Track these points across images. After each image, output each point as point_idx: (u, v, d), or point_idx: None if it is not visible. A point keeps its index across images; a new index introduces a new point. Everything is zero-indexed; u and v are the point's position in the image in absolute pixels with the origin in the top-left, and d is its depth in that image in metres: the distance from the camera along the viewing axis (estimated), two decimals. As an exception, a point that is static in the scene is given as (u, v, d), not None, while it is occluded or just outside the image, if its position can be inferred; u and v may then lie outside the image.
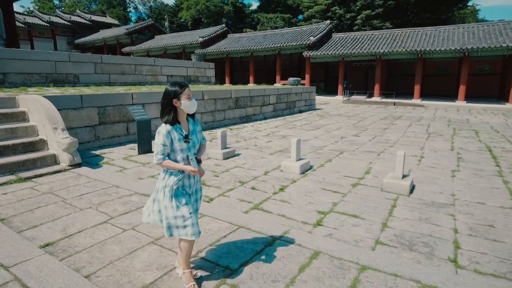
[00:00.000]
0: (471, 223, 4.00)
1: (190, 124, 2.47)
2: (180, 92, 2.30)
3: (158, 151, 2.33)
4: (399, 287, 2.57)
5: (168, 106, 2.31)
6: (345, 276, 2.71)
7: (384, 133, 10.95)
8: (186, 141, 2.37)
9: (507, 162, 7.20)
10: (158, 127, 2.37)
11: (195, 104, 2.39)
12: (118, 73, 13.67)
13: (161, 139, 2.31)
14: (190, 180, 2.45)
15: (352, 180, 5.65)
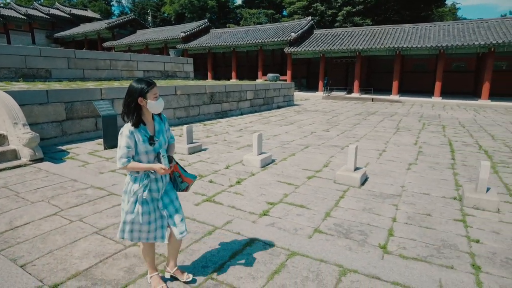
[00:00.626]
0: (411, 213, 4.23)
1: (156, 123, 2.29)
2: (147, 91, 2.12)
3: (121, 154, 2.15)
4: (321, 270, 2.74)
5: (132, 105, 2.14)
6: (273, 261, 2.86)
7: (354, 128, 11.22)
8: (151, 143, 2.20)
9: (462, 155, 7.52)
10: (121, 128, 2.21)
11: (162, 104, 2.23)
12: (93, 68, 13.53)
13: (124, 141, 2.14)
14: (158, 183, 2.28)
15: (309, 173, 5.83)
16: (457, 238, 3.57)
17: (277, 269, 2.75)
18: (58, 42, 41.45)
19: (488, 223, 3.96)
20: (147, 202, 2.25)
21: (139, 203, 2.23)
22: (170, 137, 2.43)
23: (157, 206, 2.31)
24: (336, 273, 2.71)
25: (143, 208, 2.23)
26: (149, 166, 2.18)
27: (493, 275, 2.92)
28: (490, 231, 3.75)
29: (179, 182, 2.41)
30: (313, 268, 2.77)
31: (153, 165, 2.18)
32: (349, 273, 2.71)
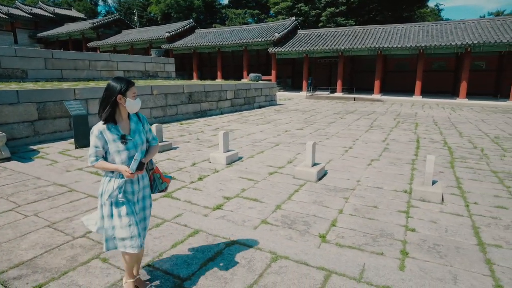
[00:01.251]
0: (359, 205, 4.45)
1: (133, 122, 2.26)
2: (126, 89, 2.13)
3: (90, 152, 2.16)
4: (254, 257, 2.93)
5: (109, 102, 2.12)
6: (211, 250, 3.04)
7: (328, 126, 11.48)
8: (123, 142, 2.16)
9: (426, 151, 7.82)
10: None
11: (139, 103, 2.23)
12: (71, 68, 13.50)
13: (93, 140, 2.14)
14: (133, 186, 2.23)
15: (272, 169, 6.03)
16: (395, 227, 3.80)
17: (213, 256, 2.93)
18: (42, 42, 40.89)
19: (429, 214, 4.20)
20: (122, 203, 2.18)
21: (114, 206, 2.17)
22: (152, 139, 2.39)
23: (134, 210, 2.22)
24: (268, 259, 2.89)
25: (120, 210, 2.16)
26: (115, 167, 2.13)
27: (417, 259, 3.14)
28: (428, 221, 3.99)
29: (159, 183, 2.43)
30: (247, 255, 2.95)
31: (119, 166, 2.13)
32: (280, 260, 2.89)
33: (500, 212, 4.29)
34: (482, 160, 7.10)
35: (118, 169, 2.13)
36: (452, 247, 3.37)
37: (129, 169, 2.10)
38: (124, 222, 2.16)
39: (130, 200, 2.22)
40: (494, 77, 26.90)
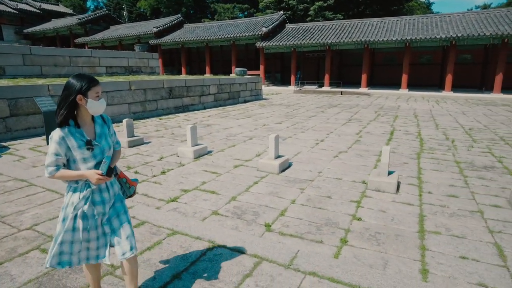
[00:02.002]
0: (313, 195, 4.54)
1: (98, 125, 2.02)
2: (88, 88, 1.87)
3: (48, 162, 1.87)
4: (191, 246, 3.00)
5: (67, 102, 1.86)
6: (152, 239, 3.11)
7: (307, 120, 11.56)
8: (89, 148, 1.91)
9: (397, 143, 7.94)
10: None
11: (104, 105, 1.97)
12: (51, 65, 13.40)
13: (53, 147, 1.86)
14: (103, 194, 1.99)
15: (239, 162, 6.09)
16: (343, 217, 3.89)
17: (152, 245, 2.99)
18: (29, 38, 40.38)
19: (380, 203, 4.30)
20: (87, 217, 1.95)
21: (79, 218, 1.93)
22: (116, 143, 2.16)
23: (101, 222, 2.01)
24: (204, 248, 2.97)
25: (83, 224, 1.94)
26: (80, 174, 1.89)
27: (354, 247, 3.23)
28: (377, 210, 4.09)
29: (127, 188, 2.28)
30: (185, 245, 3.02)
31: (85, 172, 1.89)
32: (216, 248, 2.97)
33: (450, 201, 4.41)
34: (449, 151, 7.23)
35: (84, 175, 1.88)
36: (393, 234, 3.47)
37: (99, 171, 1.88)
38: (85, 237, 1.96)
39: (99, 212, 1.98)
40: (480, 70, 27.18)
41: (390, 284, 2.52)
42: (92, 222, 1.97)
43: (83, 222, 1.95)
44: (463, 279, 2.72)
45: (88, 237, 1.98)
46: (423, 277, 2.74)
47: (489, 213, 4.02)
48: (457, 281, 2.69)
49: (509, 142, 8.36)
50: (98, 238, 2.01)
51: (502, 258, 3.03)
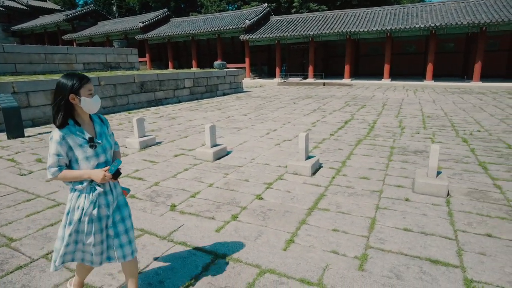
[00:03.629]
0: (233, 179, 4.89)
1: (97, 125, 2.01)
2: (79, 86, 1.84)
3: (51, 163, 1.85)
4: (88, 223, 3.35)
5: (61, 103, 1.83)
6: (59, 217, 3.45)
7: (274, 111, 11.87)
8: (92, 146, 1.88)
9: (344, 131, 8.27)
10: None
11: (98, 101, 1.94)
12: (26, 62, 13.66)
13: (54, 147, 1.83)
14: (107, 197, 1.97)
15: (181, 152, 6.44)
16: (248, 197, 4.24)
17: (51, 224, 3.34)
18: (16, 36, 40.40)
19: (290, 185, 4.65)
20: (92, 221, 1.92)
21: (86, 223, 1.91)
22: (115, 143, 2.14)
23: (106, 225, 1.99)
24: (99, 225, 3.32)
25: (88, 227, 1.92)
26: (82, 173, 1.85)
27: (241, 222, 3.59)
28: (284, 191, 4.44)
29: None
30: (83, 223, 3.37)
31: (91, 172, 1.85)
32: (109, 224, 3.32)
33: (358, 182, 4.76)
34: (391, 138, 7.57)
35: (89, 175, 1.84)
36: (282, 211, 3.82)
37: (107, 172, 1.85)
38: (90, 240, 1.94)
39: (103, 216, 1.96)
40: (462, 59, 27.42)
41: (250, 251, 2.87)
42: (97, 226, 1.94)
43: (88, 225, 1.91)
44: (320, 247, 3.08)
45: (94, 241, 1.94)
46: (285, 246, 3.10)
47: (387, 192, 4.38)
48: (313, 249, 3.05)
49: (457, 128, 8.70)
50: (102, 241, 1.99)
51: (369, 231, 3.39)
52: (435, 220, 3.58)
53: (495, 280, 2.58)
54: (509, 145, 6.90)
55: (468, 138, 7.53)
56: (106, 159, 1.97)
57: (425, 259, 2.87)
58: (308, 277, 2.49)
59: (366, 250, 3.00)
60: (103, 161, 1.95)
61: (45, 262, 2.73)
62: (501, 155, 6.15)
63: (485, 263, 2.80)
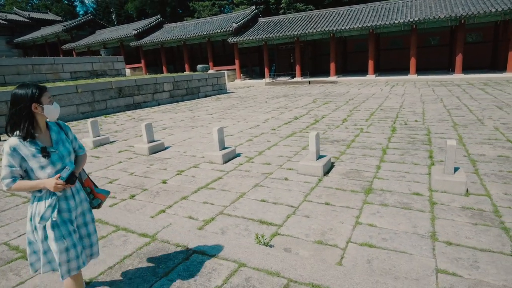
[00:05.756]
0: (153, 168, 5.73)
1: (53, 132, 2.00)
2: (40, 95, 1.86)
3: (4, 174, 1.85)
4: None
5: (23, 113, 1.83)
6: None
7: (240, 110, 12.68)
8: (45, 155, 1.88)
9: (287, 126, 9.03)
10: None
11: (58, 108, 1.98)
12: (14, 73, 14.75)
13: (5, 160, 1.84)
14: (69, 202, 1.97)
15: (126, 148, 7.31)
16: (154, 181, 5.07)
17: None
18: (20, 47, 42.06)
19: (199, 171, 5.45)
20: (58, 225, 1.93)
21: (49, 228, 1.91)
22: (78, 147, 2.15)
23: (73, 229, 2.00)
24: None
25: (55, 233, 1.91)
26: (37, 183, 1.87)
27: (135, 200, 4.42)
28: (189, 176, 5.25)
29: (91, 199, 2.19)
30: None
31: (45, 181, 1.86)
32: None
33: (258, 167, 5.54)
34: (324, 130, 8.30)
35: (44, 184, 1.85)
36: (174, 191, 4.64)
37: (59, 180, 1.84)
38: (61, 246, 1.93)
39: (66, 219, 1.96)
40: (447, 52, 27.76)
41: (126, 219, 3.69)
42: (64, 229, 1.94)
43: (54, 231, 1.90)
44: (182, 214, 3.89)
45: (66, 246, 1.94)
46: (155, 214, 3.92)
47: (275, 174, 5.14)
48: (174, 216, 3.86)
49: (398, 119, 9.34)
50: (74, 245, 1.98)
51: (232, 202, 4.18)
52: (294, 193, 4.35)
53: (298, 233, 3.36)
54: (429, 132, 7.57)
55: (399, 127, 8.20)
56: (64, 166, 1.95)
57: (257, 220, 3.65)
58: (147, 232, 3.32)
59: (216, 216, 3.80)
60: (60, 168, 1.94)
61: None
62: (411, 141, 6.84)
63: (302, 222, 3.57)
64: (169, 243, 3.11)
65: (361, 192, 4.30)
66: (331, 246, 3.08)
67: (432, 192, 4.22)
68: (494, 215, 3.58)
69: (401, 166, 5.26)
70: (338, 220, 3.57)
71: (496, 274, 2.61)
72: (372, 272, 2.65)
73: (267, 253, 2.85)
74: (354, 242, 3.12)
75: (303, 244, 3.12)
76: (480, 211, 3.68)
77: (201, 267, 2.71)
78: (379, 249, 3.00)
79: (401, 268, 2.71)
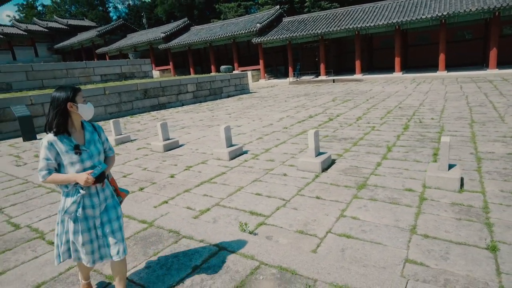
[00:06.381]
0: (166, 164, 6.13)
1: (88, 132, 2.16)
2: (74, 95, 2.04)
3: (41, 166, 2.02)
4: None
5: (59, 112, 2.01)
6: (20, 189, 4.93)
7: (258, 109, 12.97)
8: (77, 153, 2.05)
9: (300, 124, 9.19)
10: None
11: (92, 107, 2.15)
12: (50, 78, 15.91)
13: (43, 152, 2.02)
14: (93, 199, 2.11)
15: (145, 146, 7.80)
16: (163, 176, 5.46)
17: None
18: (59, 53, 44.80)
19: (205, 167, 5.79)
20: (79, 220, 2.09)
21: (71, 221, 2.09)
22: (108, 149, 2.30)
23: (94, 225, 2.14)
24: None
25: (75, 227, 2.09)
26: (69, 177, 2.02)
27: (144, 192, 4.82)
28: (196, 171, 5.60)
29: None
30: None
31: (76, 175, 2.01)
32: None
33: (262, 164, 5.79)
34: (335, 128, 8.40)
35: (75, 178, 2.01)
36: (179, 184, 5.00)
37: (90, 176, 1.99)
38: (79, 240, 2.10)
39: (89, 216, 2.12)
40: (481, 46, 26.51)
41: (131, 208, 4.09)
42: (84, 225, 2.09)
43: (75, 225, 2.08)
44: (181, 205, 4.23)
45: (82, 240, 2.09)
46: (158, 204, 4.29)
47: (276, 170, 5.38)
48: (174, 206, 4.21)
49: (414, 117, 9.25)
50: (91, 241, 2.13)
51: (229, 195, 4.47)
52: (289, 188, 4.57)
53: (282, 223, 3.59)
54: (442, 130, 7.49)
55: (412, 125, 8.15)
56: (93, 165, 2.10)
57: (248, 211, 3.92)
58: (146, 219, 3.68)
59: (212, 207, 4.11)
60: (90, 166, 2.09)
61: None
62: (420, 139, 6.81)
63: (289, 214, 3.80)
64: (163, 229, 3.45)
65: (354, 187, 4.45)
66: (310, 235, 3.29)
67: (425, 189, 4.29)
68: (482, 211, 3.62)
69: (402, 163, 5.32)
70: (324, 212, 3.76)
71: (464, 265, 2.71)
72: (342, 260, 2.84)
73: (248, 239, 3.11)
74: (334, 233, 3.31)
75: (285, 233, 3.35)
76: (469, 207, 3.73)
77: (186, 250, 3.02)
78: (355, 239, 3.17)
79: (372, 258, 2.88)
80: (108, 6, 63.36)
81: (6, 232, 3.72)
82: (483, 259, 2.77)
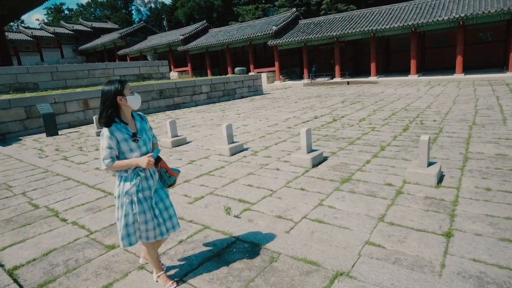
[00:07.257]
0: (172, 159, 6.65)
1: (137, 121, 2.35)
2: (122, 88, 2.20)
3: (104, 155, 2.19)
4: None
5: (110, 104, 2.18)
6: (39, 175, 5.56)
7: (268, 110, 13.39)
8: (135, 140, 2.24)
9: (303, 124, 9.55)
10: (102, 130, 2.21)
11: (139, 97, 2.32)
12: (73, 78, 16.87)
13: (105, 142, 2.18)
14: (148, 181, 2.32)
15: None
16: (170, 169, 5.98)
17: None
18: (83, 54, 46.69)
19: (207, 162, 6.26)
20: (141, 201, 2.28)
21: (135, 203, 2.26)
22: (153, 136, 2.49)
23: (151, 205, 2.34)
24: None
25: (139, 207, 2.27)
26: (131, 161, 2.20)
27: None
28: (198, 165, 6.09)
29: (167, 178, 2.45)
30: (51, 180, 5.42)
31: (138, 159, 2.20)
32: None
33: (259, 159, 6.21)
34: (336, 128, 8.72)
35: (137, 162, 2.19)
36: (181, 176, 5.49)
37: (151, 158, 2.20)
38: (142, 219, 2.29)
39: (147, 197, 2.31)
40: (502, 48, 25.94)
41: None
42: (146, 205, 2.30)
43: (138, 206, 2.27)
44: (180, 193, 4.72)
45: (145, 219, 2.30)
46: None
47: (271, 165, 5.79)
48: (173, 194, 4.70)
49: (417, 119, 9.44)
50: (152, 218, 2.34)
51: (223, 186, 4.93)
52: (279, 181, 4.98)
53: (265, 209, 4.01)
54: (440, 131, 7.69)
55: (412, 127, 8.37)
56: (147, 150, 2.33)
57: (237, 199, 4.37)
58: (146, 203, 4.18)
59: (206, 195, 4.58)
60: (144, 152, 2.31)
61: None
62: (415, 139, 7.06)
63: (273, 202, 4.22)
64: (159, 212, 3.94)
65: (338, 181, 4.81)
66: (287, 220, 3.69)
67: (405, 184, 4.60)
68: (450, 204, 3.92)
69: (390, 161, 5.62)
70: (304, 201, 4.15)
71: (417, 247, 3.05)
72: (309, 240, 3.24)
73: (230, 221, 3.55)
74: (308, 218, 3.70)
75: (265, 217, 3.77)
76: (440, 201, 4.03)
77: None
78: (326, 224, 3.56)
79: (337, 239, 3.26)
80: (131, 9, 65.47)
81: (27, 211, 4.31)
82: (435, 243, 3.10)
